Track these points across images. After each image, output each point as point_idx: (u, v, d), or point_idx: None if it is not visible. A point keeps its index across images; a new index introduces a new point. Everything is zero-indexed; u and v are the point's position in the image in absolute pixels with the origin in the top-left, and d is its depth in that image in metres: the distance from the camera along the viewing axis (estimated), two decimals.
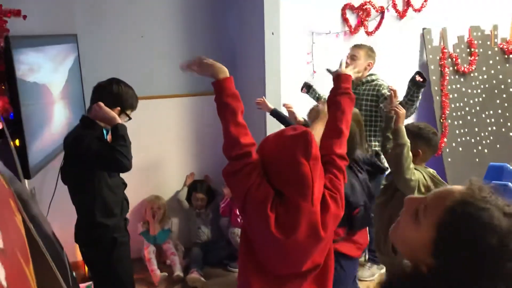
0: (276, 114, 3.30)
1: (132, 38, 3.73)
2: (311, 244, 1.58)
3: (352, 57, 3.38)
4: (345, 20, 4.15)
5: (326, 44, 4.09)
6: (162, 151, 4.05)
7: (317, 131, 1.92)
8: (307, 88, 3.67)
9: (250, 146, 1.59)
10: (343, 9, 4.13)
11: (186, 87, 3.95)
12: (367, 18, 4.21)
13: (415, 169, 2.37)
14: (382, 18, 4.27)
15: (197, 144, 4.12)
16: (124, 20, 3.69)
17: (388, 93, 2.91)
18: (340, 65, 1.97)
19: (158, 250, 3.91)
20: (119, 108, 2.37)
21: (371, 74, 3.45)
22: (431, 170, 2.49)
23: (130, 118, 2.45)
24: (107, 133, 2.40)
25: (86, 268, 3.23)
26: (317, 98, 3.60)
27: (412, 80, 2.96)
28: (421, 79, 2.92)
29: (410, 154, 2.37)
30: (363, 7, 4.17)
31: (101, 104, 2.28)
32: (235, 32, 3.94)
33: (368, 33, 4.24)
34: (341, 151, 1.72)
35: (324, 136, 1.77)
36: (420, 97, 3.04)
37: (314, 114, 3.02)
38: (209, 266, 3.86)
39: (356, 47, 3.47)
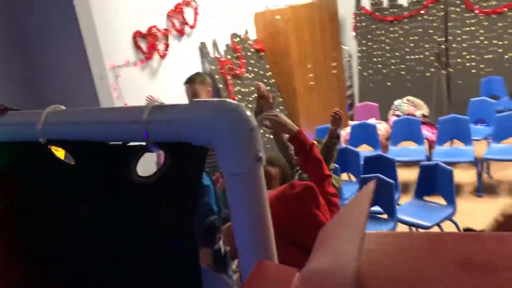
0: None
1: None
2: None
3: (194, 97, 3.26)
4: (138, 48, 4.13)
5: (128, 74, 4.00)
6: None
7: None
8: None
9: None
10: (134, 37, 4.09)
11: None
12: (157, 42, 4.28)
13: None
14: (167, 39, 4.41)
15: None
16: None
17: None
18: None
19: None
20: None
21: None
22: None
23: None
24: None
25: None
26: None
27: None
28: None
29: None
30: (151, 32, 4.22)
31: None
32: (54, 80, 3.48)
33: (161, 56, 4.33)
34: (332, 189, 1.94)
35: (315, 183, 1.93)
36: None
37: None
38: None
39: (188, 84, 3.33)
